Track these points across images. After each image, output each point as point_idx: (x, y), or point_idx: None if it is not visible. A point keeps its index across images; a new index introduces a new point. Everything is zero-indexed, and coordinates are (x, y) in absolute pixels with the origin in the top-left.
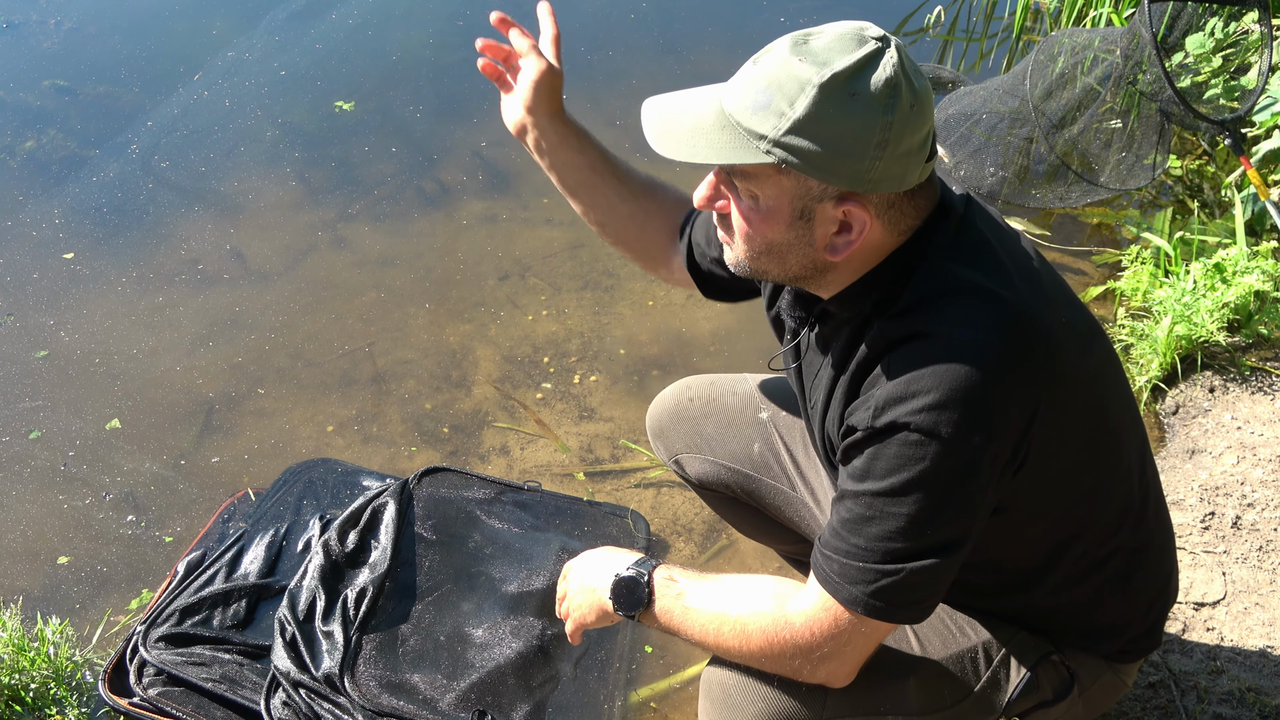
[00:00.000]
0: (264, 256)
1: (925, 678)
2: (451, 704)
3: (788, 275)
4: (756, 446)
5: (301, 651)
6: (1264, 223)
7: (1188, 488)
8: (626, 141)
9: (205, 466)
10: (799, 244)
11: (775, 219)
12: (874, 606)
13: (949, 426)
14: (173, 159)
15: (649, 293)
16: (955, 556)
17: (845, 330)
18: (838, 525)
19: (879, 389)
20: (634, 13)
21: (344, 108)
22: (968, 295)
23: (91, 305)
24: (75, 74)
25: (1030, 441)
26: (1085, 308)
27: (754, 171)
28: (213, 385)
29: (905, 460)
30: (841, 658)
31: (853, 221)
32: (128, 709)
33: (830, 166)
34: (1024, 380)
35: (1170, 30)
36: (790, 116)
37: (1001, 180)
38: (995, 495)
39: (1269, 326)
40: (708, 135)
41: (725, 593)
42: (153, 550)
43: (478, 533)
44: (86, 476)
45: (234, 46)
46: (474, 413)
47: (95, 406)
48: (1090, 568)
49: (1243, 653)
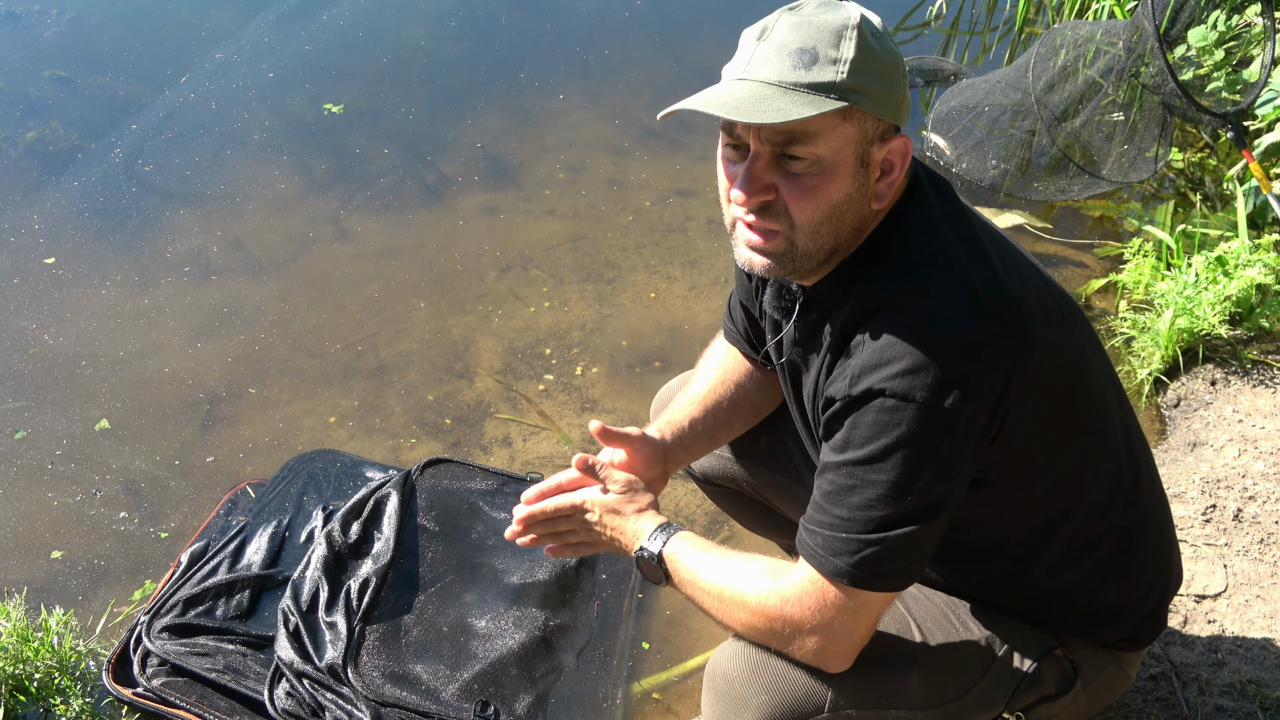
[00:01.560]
0: (266, 249)
1: (928, 671)
2: (454, 695)
3: (837, 242)
4: (763, 439)
5: (305, 642)
6: (1266, 216)
7: (1189, 480)
8: (625, 140)
9: (207, 459)
10: (857, 197)
11: (841, 173)
12: (858, 576)
13: (924, 390)
14: (175, 155)
15: (651, 285)
16: (936, 522)
17: (832, 314)
18: (820, 499)
19: (855, 358)
20: (618, 22)
21: (334, 108)
22: (944, 264)
23: (90, 303)
24: (74, 65)
25: (1006, 408)
26: (1060, 287)
27: (820, 129)
28: (215, 378)
29: (883, 426)
30: (832, 631)
31: (894, 158)
32: (132, 699)
33: (886, 99)
34: (998, 347)
35: (1173, 23)
36: (845, 60)
37: (1003, 173)
38: (974, 462)
39: (1270, 319)
40: (779, 99)
41: (728, 568)
42: (155, 542)
43: (480, 524)
44: (87, 471)
45: (232, 40)
46: (476, 404)
47: (99, 402)
48: (1084, 547)
49: (1244, 645)
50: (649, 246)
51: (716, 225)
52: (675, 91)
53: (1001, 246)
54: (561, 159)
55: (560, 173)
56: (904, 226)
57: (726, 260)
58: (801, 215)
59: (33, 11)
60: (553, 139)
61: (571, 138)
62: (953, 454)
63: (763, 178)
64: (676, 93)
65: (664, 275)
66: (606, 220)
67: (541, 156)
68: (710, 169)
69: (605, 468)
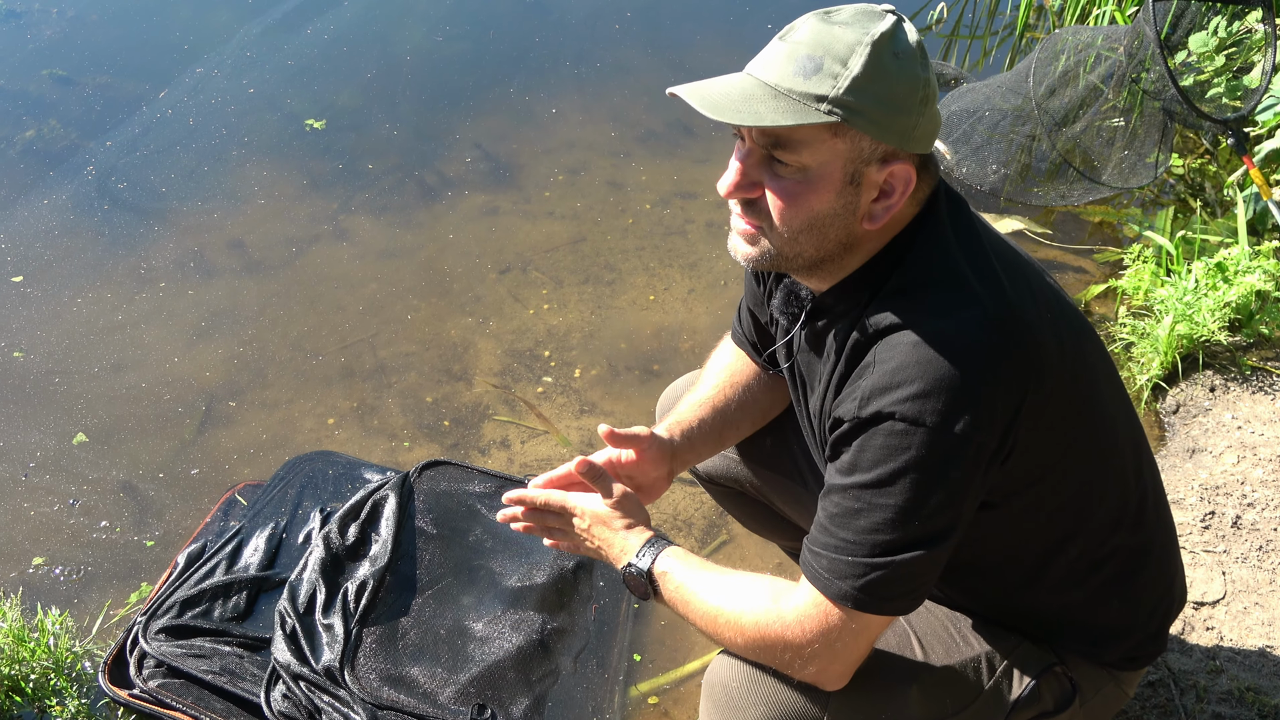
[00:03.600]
0: (265, 250)
1: (927, 685)
2: (451, 697)
3: (820, 253)
4: (768, 440)
5: (302, 644)
6: (1266, 222)
7: (1188, 487)
8: (625, 142)
9: (205, 460)
10: (843, 213)
11: (825, 187)
12: (863, 600)
13: (934, 415)
14: (178, 154)
15: (650, 287)
16: (942, 548)
17: (839, 324)
18: (825, 520)
19: (865, 379)
20: (619, 23)
21: (342, 100)
22: (956, 285)
23: (92, 299)
24: (72, 64)
25: (1016, 433)
26: (1074, 305)
27: (807, 138)
28: (213, 378)
29: (891, 450)
30: (833, 654)
31: (895, 183)
32: (128, 700)
33: (886, 122)
34: (1009, 370)
35: (1174, 29)
36: (847, 75)
37: (1003, 178)
38: (982, 487)
39: (1270, 326)
40: (764, 102)
41: (722, 588)
42: (152, 542)
43: (478, 526)
44: (87, 471)
45: (234, 41)
46: (475, 406)
47: (102, 402)
48: (1089, 568)
49: (1242, 652)
50: (648, 249)
51: (716, 228)
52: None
53: (1016, 266)
54: (561, 161)
55: (559, 174)
56: (919, 244)
57: (726, 263)
58: (780, 220)
59: (33, 10)
60: (552, 140)
61: (571, 139)
62: (962, 479)
63: (750, 174)
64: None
65: (664, 278)
66: (606, 222)
67: (541, 158)
68: (710, 172)
69: (605, 476)
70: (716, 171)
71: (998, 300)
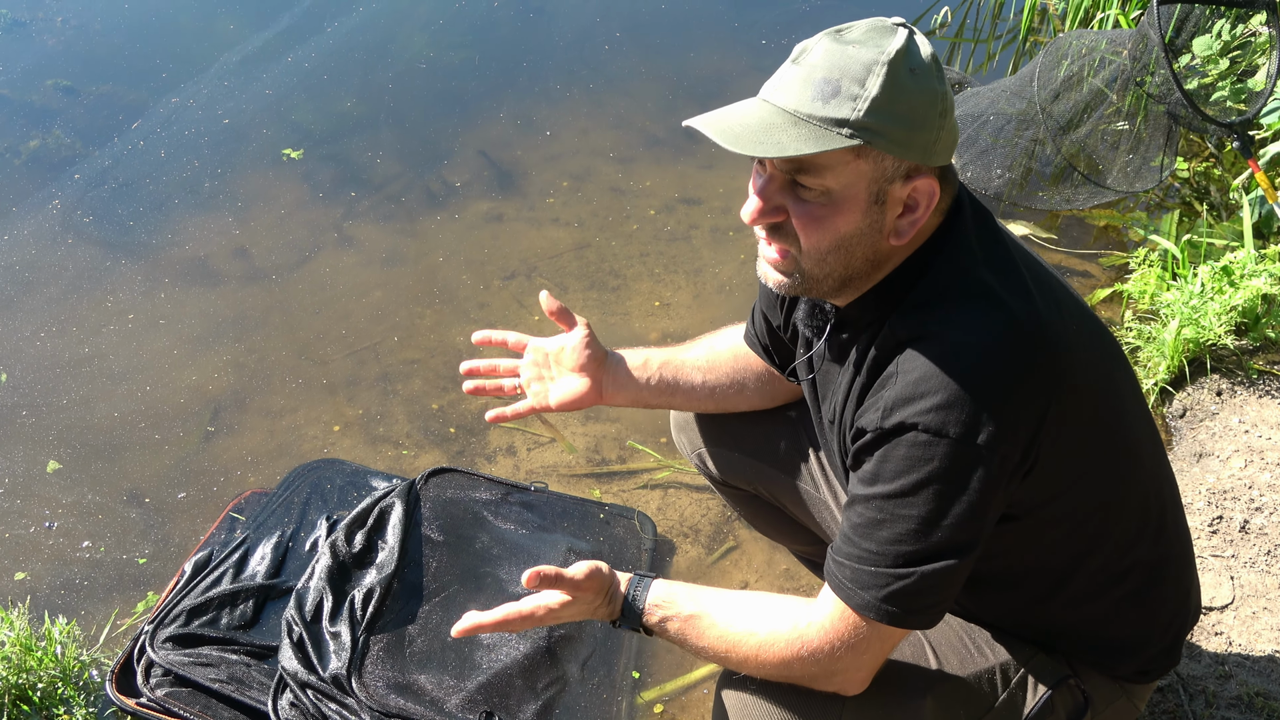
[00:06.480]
0: (271, 256)
1: (941, 696)
2: (458, 705)
3: (849, 272)
4: (783, 444)
5: (309, 652)
6: (1272, 225)
7: (1195, 491)
8: (630, 147)
9: (211, 468)
10: (869, 232)
11: (850, 208)
12: (887, 612)
13: (957, 426)
14: (180, 155)
15: (655, 293)
16: (966, 559)
17: (862, 336)
18: (849, 531)
19: (888, 390)
20: (608, 43)
21: (347, 106)
22: (980, 296)
23: (91, 302)
24: (76, 73)
25: (1039, 446)
26: (1098, 318)
27: (830, 162)
28: (219, 386)
29: (914, 461)
30: (858, 665)
31: (919, 198)
32: (135, 709)
33: (908, 140)
34: (1033, 383)
35: (1178, 32)
36: (866, 97)
37: (1008, 182)
38: (1005, 499)
39: (1277, 330)
40: (784, 130)
41: (731, 613)
42: (159, 551)
43: (485, 533)
44: (91, 476)
45: (242, 45)
46: (480, 413)
47: (105, 406)
48: (1110, 581)
49: (1251, 657)
50: (653, 255)
51: (721, 234)
52: (681, 97)
53: (1041, 278)
54: (565, 167)
55: (564, 181)
56: (943, 255)
57: (731, 269)
58: (808, 242)
59: (38, 19)
60: (556, 147)
61: (575, 146)
62: (985, 491)
63: (774, 199)
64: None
65: (668, 284)
66: (611, 228)
67: (544, 165)
68: (715, 177)
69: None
70: (720, 177)
71: (1023, 311)
